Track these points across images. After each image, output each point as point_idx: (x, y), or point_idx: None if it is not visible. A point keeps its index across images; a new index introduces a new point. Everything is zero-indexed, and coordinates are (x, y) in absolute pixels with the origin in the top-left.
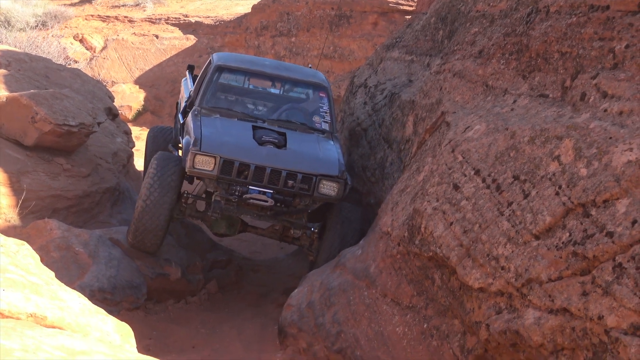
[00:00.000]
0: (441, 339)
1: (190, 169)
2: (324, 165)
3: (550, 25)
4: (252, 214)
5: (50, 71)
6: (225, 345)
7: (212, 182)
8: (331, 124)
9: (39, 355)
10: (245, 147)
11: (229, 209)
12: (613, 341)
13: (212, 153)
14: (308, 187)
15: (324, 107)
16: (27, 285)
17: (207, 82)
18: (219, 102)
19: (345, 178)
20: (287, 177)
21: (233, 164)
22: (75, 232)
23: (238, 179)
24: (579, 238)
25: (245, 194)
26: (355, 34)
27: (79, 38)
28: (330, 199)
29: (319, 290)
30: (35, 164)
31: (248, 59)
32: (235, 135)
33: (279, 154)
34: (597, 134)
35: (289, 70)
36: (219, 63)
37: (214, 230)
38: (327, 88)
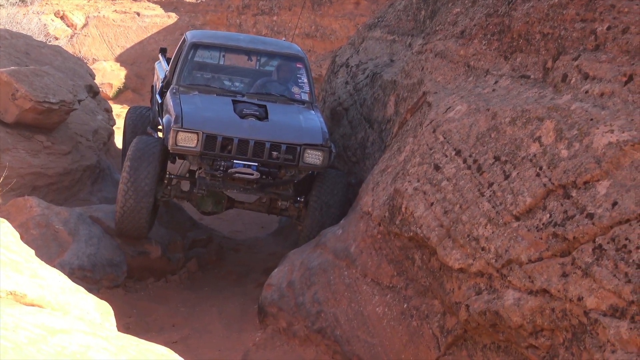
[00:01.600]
0: (421, 319)
1: (173, 146)
2: (308, 135)
3: (532, 6)
4: (239, 188)
5: (30, 48)
6: (205, 324)
7: (195, 159)
8: (310, 94)
9: (18, 333)
10: (227, 121)
11: (214, 185)
12: (592, 322)
13: (195, 129)
14: (293, 157)
15: (302, 78)
16: (7, 263)
17: (183, 60)
18: (196, 80)
19: (329, 146)
20: (271, 149)
21: (216, 138)
22: (55, 209)
23: (222, 154)
24: (559, 219)
25: (230, 168)
26: (337, 13)
27: (60, 15)
28: (316, 168)
29: (299, 269)
30: (15, 141)
31: (222, 35)
32: (216, 110)
33: (262, 126)
34: (578, 115)
35: (265, 44)
36: (194, 40)
37: (201, 208)
38: (304, 59)
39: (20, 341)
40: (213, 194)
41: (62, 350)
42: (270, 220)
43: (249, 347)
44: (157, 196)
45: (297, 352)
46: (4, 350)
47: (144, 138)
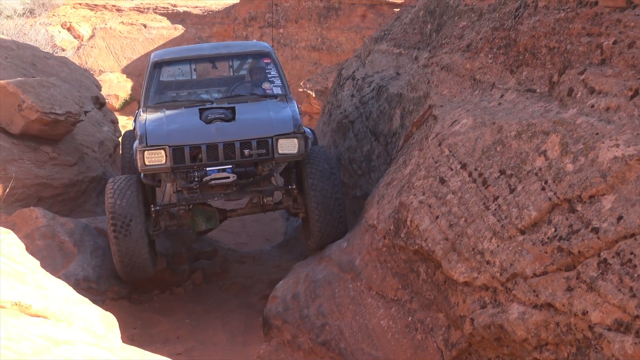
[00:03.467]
0: (425, 332)
1: (142, 167)
2: (278, 125)
3: (539, 20)
4: (219, 195)
5: (37, 59)
6: (209, 336)
7: (169, 176)
8: (283, 86)
9: (22, 343)
10: (193, 130)
11: (193, 198)
12: (597, 337)
13: (160, 144)
14: (266, 150)
15: (271, 73)
16: (12, 274)
17: (148, 80)
18: (163, 98)
19: (302, 132)
20: (242, 147)
21: (183, 149)
22: (60, 220)
23: (194, 164)
24: (565, 233)
25: (205, 176)
26: (343, 26)
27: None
28: (293, 157)
29: (304, 282)
30: (21, 152)
31: (184, 49)
32: (181, 121)
33: (228, 127)
34: (584, 129)
35: (228, 47)
36: (155, 59)
37: (196, 228)
38: (270, 53)
39: (24, 352)
40: (202, 211)
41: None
42: (275, 233)
43: (253, 359)
44: (149, 232)
45: None
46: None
47: (118, 180)
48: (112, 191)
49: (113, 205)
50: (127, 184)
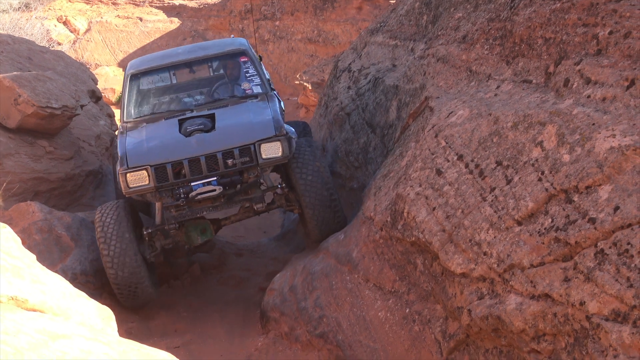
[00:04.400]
0: (423, 324)
1: (127, 190)
2: (259, 130)
3: (534, 10)
4: (207, 209)
5: (33, 53)
6: (207, 329)
7: (154, 195)
8: (263, 84)
9: (19, 338)
10: (173, 145)
11: (182, 215)
12: (594, 327)
13: (141, 165)
14: (250, 157)
15: (249, 71)
16: (8, 269)
17: (127, 94)
18: (143, 110)
19: (285, 133)
20: (224, 158)
21: (165, 167)
22: (57, 214)
23: (178, 181)
24: (561, 224)
25: (191, 192)
26: (339, 18)
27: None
28: (278, 160)
29: (302, 274)
30: (17, 146)
31: (161, 55)
32: (161, 137)
33: (209, 137)
34: (580, 120)
35: (204, 49)
36: (130, 71)
37: (192, 244)
38: (246, 50)
39: (21, 346)
40: (195, 225)
41: (64, 355)
42: (272, 225)
43: (251, 352)
44: (146, 256)
45: (299, 356)
46: (5, 356)
47: (106, 207)
48: (101, 223)
49: (101, 231)
50: (115, 213)
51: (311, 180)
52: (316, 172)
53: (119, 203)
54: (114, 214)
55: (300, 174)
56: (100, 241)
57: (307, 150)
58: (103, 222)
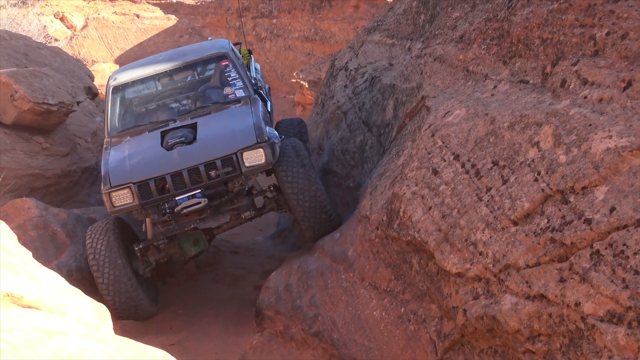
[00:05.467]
0: (418, 323)
1: (111, 209)
2: (240, 138)
3: (532, 11)
4: (195, 222)
5: (30, 49)
6: (202, 326)
7: (140, 213)
8: (245, 87)
9: (15, 335)
10: (155, 160)
11: (169, 230)
12: (589, 328)
13: (124, 183)
14: (233, 167)
15: (231, 75)
16: (4, 265)
17: (110, 107)
18: (126, 123)
19: (266, 139)
20: (207, 169)
21: (148, 184)
22: (53, 211)
23: (162, 196)
24: (557, 224)
25: (176, 206)
26: (336, 17)
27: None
28: (262, 167)
29: (297, 272)
30: (13, 142)
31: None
32: (143, 152)
33: (190, 150)
34: (577, 120)
35: (185, 56)
36: (113, 84)
37: (186, 255)
38: (227, 54)
39: (16, 343)
40: (187, 237)
41: (59, 352)
42: (268, 223)
43: (246, 350)
44: (140, 272)
45: (294, 355)
46: (0, 352)
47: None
48: (92, 250)
49: (93, 258)
50: (105, 238)
51: (297, 183)
52: (302, 175)
53: (108, 224)
54: (104, 238)
55: (286, 178)
56: (94, 269)
57: (291, 154)
58: (94, 249)
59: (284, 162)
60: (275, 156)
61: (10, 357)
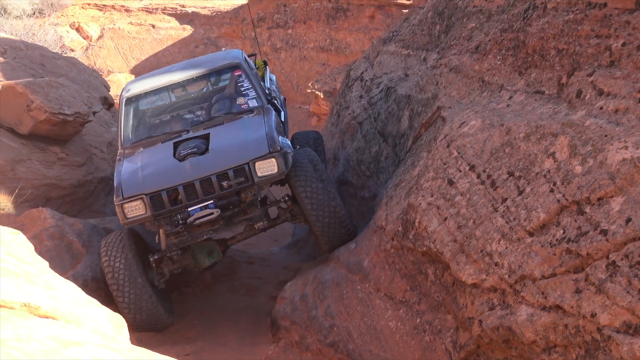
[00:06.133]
0: (434, 334)
1: (124, 221)
2: (252, 149)
3: (548, 21)
4: (207, 233)
5: (46, 59)
6: (218, 337)
7: (153, 224)
8: (258, 97)
9: (32, 344)
10: (167, 171)
11: (182, 241)
12: (606, 339)
13: (136, 194)
14: (245, 177)
15: (244, 85)
16: (21, 275)
17: (124, 119)
18: (139, 135)
19: (279, 149)
20: (219, 180)
21: (161, 195)
22: (69, 221)
23: (174, 207)
24: (573, 235)
25: (189, 217)
26: (352, 27)
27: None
28: (274, 177)
29: (312, 283)
30: (30, 152)
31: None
32: (156, 163)
33: (202, 160)
34: (593, 131)
35: (198, 66)
36: (126, 95)
37: (200, 266)
38: (239, 64)
39: (33, 352)
40: (201, 248)
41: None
42: (283, 234)
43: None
44: (155, 283)
45: None
46: None
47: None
48: (110, 269)
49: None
50: (122, 255)
51: (317, 199)
52: (321, 191)
53: (123, 240)
54: (121, 256)
55: (305, 194)
56: (113, 288)
57: (309, 167)
58: (112, 267)
59: (301, 176)
60: (288, 166)
61: None
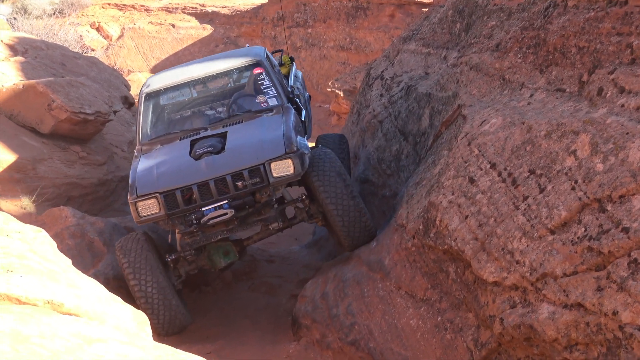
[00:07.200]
0: (455, 332)
1: (138, 219)
2: (268, 149)
3: (568, 19)
4: (222, 233)
5: (66, 59)
6: (239, 335)
7: (167, 223)
8: (279, 95)
9: (55, 342)
10: (182, 170)
11: (196, 242)
12: (627, 337)
13: (150, 193)
14: (260, 178)
15: (264, 83)
16: (44, 272)
17: (142, 114)
18: (158, 131)
19: (295, 150)
20: (234, 180)
21: (175, 194)
22: (90, 220)
23: (188, 207)
24: (595, 233)
25: (202, 217)
26: (372, 26)
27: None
28: (290, 178)
29: (333, 281)
30: (51, 151)
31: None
32: (171, 161)
33: (218, 160)
34: (614, 129)
35: (218, 62)
36: (146, 91)
37: (216, 266)
38: (261, 61)
39: (57, 350)
40: (217, 248)
41: (99, 358)
42: (304, 232)
43: (282, 358)
44: (174, 283)
45: None
46: (41, 358)
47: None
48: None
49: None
50: (137, 245)
51: (335, 192)
52: (341, 182)
53: (141, 241)
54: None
55: (324, 187)
56: (135, 289)
57: (326, 165)
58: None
59: (320, 174)
60: (304, 167)
61: None
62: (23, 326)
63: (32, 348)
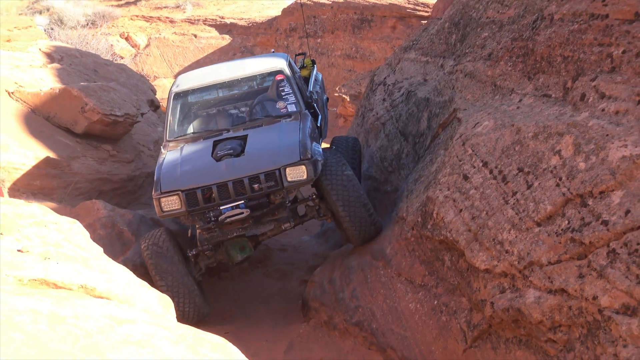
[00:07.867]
0: (450, 314)
1: (160, 214)
2: (285, 155)
3: (554, 31)
4: (237, 230)
5: (98, 66)
6: (254, 317)
7: (187, 219)
8: (297, 102)
9: (88, 322)
10: (204, 170)
11: (213, 237)
12: (606, 319)
13: (173, 190)
14: (275, 182)
15: (285, 89)
16: (78, 259)
17: (171, 112)
18: (184, 129)
19: (309, 157)
20: (251, 182)
21: (195, 192)
22: (119, 212)
23: (208, 205)
24: (577, 225)
25: (220, 215)
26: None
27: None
28: (303, 183)
29: (340, 268)
30: (84, 149)
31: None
32: (194, 160)
33: (238, 162)
34: (595, 131)
35: (244, 68)
36: (176, 90)
37: (233, 261)
38: (283, 69)
39: (90, 330)
40: (233, 244)
41: (128, 337)
42: (313, 224)
43: (293, 337)
44: (196, 277)
45: (337, 343)
46: (76, 338)
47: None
48: (149, 252)
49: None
50: (160, 241)
51: (342, 192)
52: (348, 182)
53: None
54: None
55: (332, 187)
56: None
57: (334, 165)
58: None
59: (330, 178)
60: (317, 173)
61: (85, 342)
62: (59, 308)
63: (68, 328)
